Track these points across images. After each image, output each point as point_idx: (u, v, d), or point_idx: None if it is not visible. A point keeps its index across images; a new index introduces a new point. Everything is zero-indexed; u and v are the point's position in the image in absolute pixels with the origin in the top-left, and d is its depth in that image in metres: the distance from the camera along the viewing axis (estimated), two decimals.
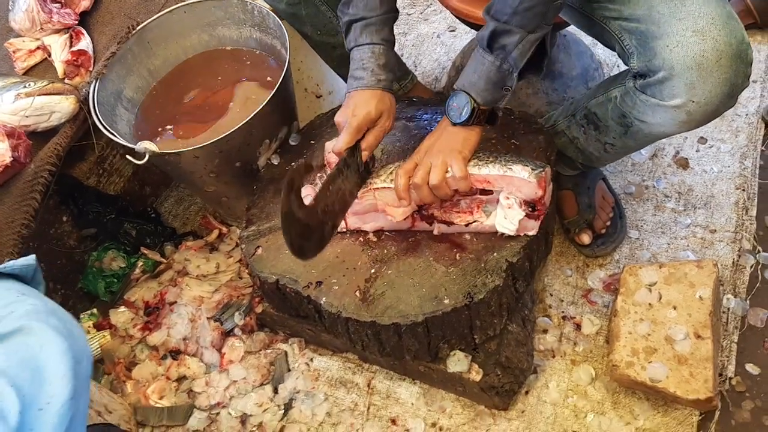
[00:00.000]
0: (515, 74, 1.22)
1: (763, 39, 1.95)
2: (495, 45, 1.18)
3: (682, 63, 1.11)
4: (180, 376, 1.64)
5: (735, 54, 1.11)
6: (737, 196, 1.68)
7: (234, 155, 1.57)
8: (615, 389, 1.45)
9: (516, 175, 1.26)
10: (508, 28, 1.16)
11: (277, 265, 1.43)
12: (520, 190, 1.28)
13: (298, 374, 1.59)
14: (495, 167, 1.27)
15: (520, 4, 1.14)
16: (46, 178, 1.51)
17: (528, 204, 1.29)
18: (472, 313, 1.30)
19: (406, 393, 1.54)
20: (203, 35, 1.81)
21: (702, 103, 1.15)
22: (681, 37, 1.11)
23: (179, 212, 2.03)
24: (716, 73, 1.11)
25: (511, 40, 1.17)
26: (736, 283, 1.55)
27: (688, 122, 1.20)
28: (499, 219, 1.31)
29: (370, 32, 1.31)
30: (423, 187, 1.26)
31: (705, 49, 1.10)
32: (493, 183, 1.29)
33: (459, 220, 1.35)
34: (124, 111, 1.71)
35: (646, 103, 1.22)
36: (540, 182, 1.26)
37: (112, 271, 1.81)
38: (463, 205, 1.34)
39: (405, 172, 1.27)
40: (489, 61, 1.19)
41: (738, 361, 1.45)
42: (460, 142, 1.26)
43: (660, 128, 1.26)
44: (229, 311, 1.70)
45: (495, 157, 1.29)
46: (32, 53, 1.81)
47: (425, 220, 1.37)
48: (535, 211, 1.29)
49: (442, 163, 1.24)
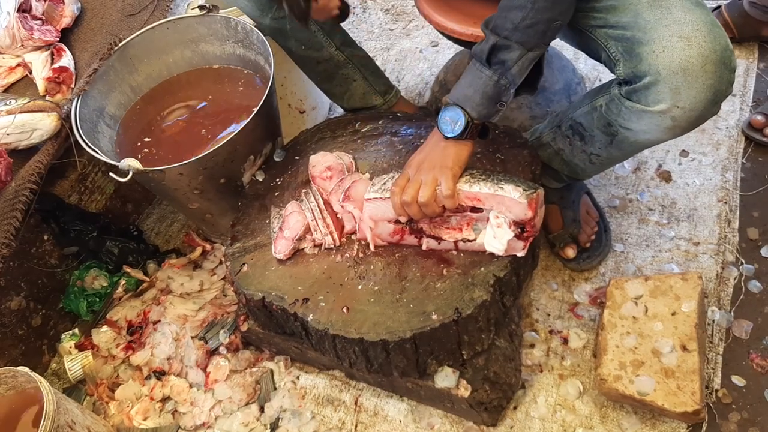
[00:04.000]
0: (512, 90, 1.22)
1: (741, 53, 1.98)
2: (494, 59, 1.19)
3: (668, 68, 1.12)
4: (164, 397, 1.62)
5: (719, 60, 1.12)
6: (719, 209, 1.70)
7: (218, 172, 1.56)
8: (603, 403, 1.45)
9: (507, 195, 1.25)
10: (508, 44, 1.16)
11: (263, 282, 1.42)
12: (510, 210, 1.26)
13: (285, 393, 1.58)
14: (487, 185, 1.26)
15: (522, 21, 1.14)
16: (27, 197, 1.50)
17: (517, 225, 1.28)
18: (460, 329, 1.29)
19: (393, 410, 1.52)
20: (186, 51, 1.80)
21: (687, 108, 1.16)
22: (667, 42, 1.12)
23: (162, 230, 2.01)
24: (701, 78, 1.12)
25: (511, 56, 1.17)
26: (720, 295, 1.56)
27: (672, 128, 1.21)
28: (488, 238, 1.30)
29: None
30: (413, 204, 1.26)
31: (690, 55, 1.11)
32: (484, 201, 1.28)
33: (448, 237, 1.35)
34: (106, 128, 1.69)
35: (631, 109, 1.23)
36: (530, 204, 1.24)
37: (94, 290, 1.79)
38: (453, 222, 1.34)
39: (399, 190, 1.28)
40: (486, 75, 1.20)
41: (724, 373, 1.45)
42: (452, 158, 1.26)
43: (645, 135, 1.27)
44: (214, 329, 1.68)
45: (488, 175, 1.29)
46: (13, 70, 1.79)
47: (414, 234, 1.37)
48: (524, 233, 1.28)
49: (433, 180, 1.25)
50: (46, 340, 1.76)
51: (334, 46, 1.67)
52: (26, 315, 1.69)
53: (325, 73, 1.72)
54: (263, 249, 1.48)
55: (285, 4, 1.28)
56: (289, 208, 1.48)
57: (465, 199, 1.28)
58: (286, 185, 1.60)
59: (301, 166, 1.62)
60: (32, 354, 1.72)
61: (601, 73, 2.07)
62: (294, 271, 1.43)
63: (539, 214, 1.29)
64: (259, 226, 1.54)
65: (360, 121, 1.68)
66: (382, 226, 1.37)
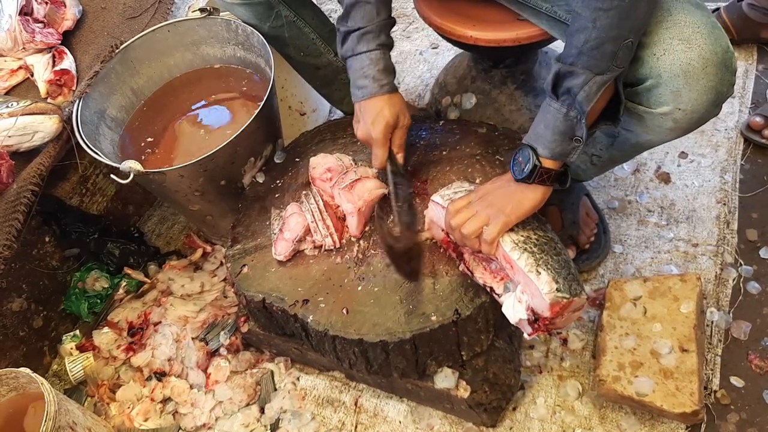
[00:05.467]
0: (584, 121, 1.12)
1: (740, 55, 1.98)
2: (560, 89, 1.12)
3: (669, 71, 1.12)
4: (165, 398, 1.62)
5: (720, 62, 1.12)
6: (718, 210, 1.70)
7: (219, 173, 1.56)
8: (602, 404, 1.45)
9: (535, 283, 1.13)
10: (572, 69, 1.09)
11: (264, 283, 1.43)
12: (533, 297, 1.16)
13: (285, 393, 1.58)
14: (528, 259, 1.15)
15: (585, 44, 1.07)
16: (29, 199, 1.50)
17: (534, 312, 1.18)
18: (460, 330, 1.30)
19: (393, 411, 1.53)
20: (187, 54, 1.81)
21: (688, 110, 1.16)
22: (667, 45, 1.12)
23: (163, 231, 2.02)
24: (702, 80, 1.12)
25: (576, 82, 1.09)
26: (719, 297, 1.56)
27: (674, 130, 1.21)
28: (508, 301, 1.23)
29: (367, 40, 1.33)
30: (457, 231, 1.23)
31: (691, 57, 1.11)
32: (515, 272, 1.18)
33: (480, 276, 1.28)
34: (107, 130, 1.70)
35: (633, 111, 1.23)
36: (553, 306, 1.12)
37: (95, 292, 1.79)
38: (493, 265, 1.27)
39: (454, 210, 1.24)
40: (555, 108, 1.13)
41: (722, 374, 1.45)
42: (513, 205, 1.19)
43: (646, 137, 1.27)
44: (215, 331, 1.69)
45: (540, 247, 1.17)
46: (14, 73, 1.80)
47: (455, 253, 1.33)
48: (537, 324, 1.19)
49: (485, 218, 1.19)
50: (47, 342, 1.76)
51: (332, 53, 1.68)
52: (27, 316, 1.70)
53: (325, 79, 1.73)
54: (263, 250, 1.49)
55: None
56: (289, 210, 1.48)
57: (501, 256, 1.20)
58: (286, 187, 1.60)
59: (301, 167, 1.62)
60: (33, 355, 1.72)
61: None
62: (294, 272, 1.43)
63: (565, 317, 1.17)
64: (259, 228, 1.54)
65: None
66: (436, 230, 1.36)
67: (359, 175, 1.44)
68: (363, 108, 1.36)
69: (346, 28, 1.34)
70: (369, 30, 1.33)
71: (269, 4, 1.57)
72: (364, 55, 1.34)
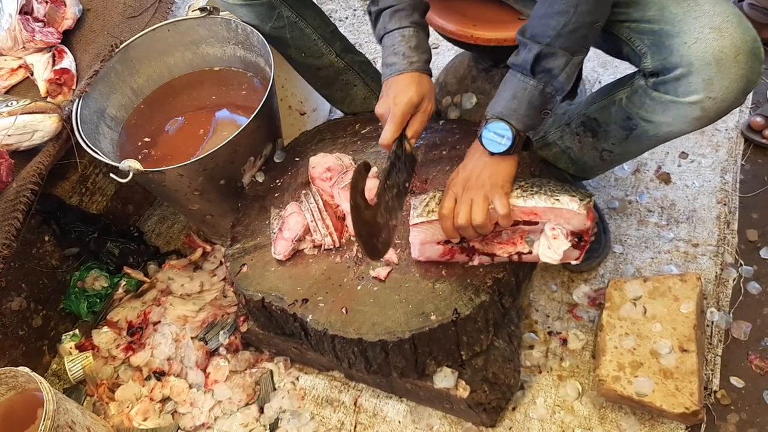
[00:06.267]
0: (558, 97, 1.20)
1: None
2: (538, 68, 1.16)
3: (702, 59, 1.12)
4: (164, 397, 1.62)
5: (751, 50, 1.12)
6: (719, 210, 1.70)
7: (218, 173, 1.56)
8: (602, 404, 1.45)
9: (565, 207, 1.21)
10: (553, 51, 1.14)
11: (263, 282, 1.43)
12: (569, 222, 1.23)
13: (284, 393, 1.58)
14: (542, 198, 1.22)
15: (564, 26, 1.12)
16: (29, 198, 1.50)
17: (575, 235, 1.24)
18: (459, 330, 1.29)
19: (392, 411, 1.53)
20: (187, 53, 1.81)
21: (719, 99, 1.15)
22: (699, 33, 1.12)
23: (162, 231, 2.01)
24: (734, 68, 1.12)
25: (557, 63, 1.15)
26: (719, 297, 1.56)
27: (700, 119, 1.20)
28: (542, 249, 1.26)
29: (399, 17, 1.30)
30: (468, 227, 1.22)
31: (724, 45, 1.11)
32: (541, 215, 1.24)
33: (501, 252, 1.31)
34: (107, 129, 1.70)
35: (658, 100, 1.23)
36: (589, 213, 1.21)
37: (94, 291, 1.79)
38: (504, 237, 1.29)
39: (449, 213, 1.24)
40: (531, 85, 1.18)
41: (722, 375, 1.45)
42: (501, 175, 1.23)
43: (667, 128, 1.26)
44: (214, 330, 1.68)
45: (539, 186, 1.24)
46: (14, 72, 1.80)
47: (466, 252, 1.33)
48: (581, 242, 1.25)
49: (484, 200, 1.21)
50: (46, 341, 1.76)
51: (334, 54, 1.67)
52: (27, 315, 1.70)
53: (326, 80, 1.73)
54: (263, 250, 1.49)
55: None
56: (288, 209, 1.48)
57: (521, 214, 1.24)
58: (286, 186, 1.60)
59: (301, 167, 1.62)
60: (33, 354, 1.72)
61: (601, 75, 2.07)
62: (293, 271, 1.43)
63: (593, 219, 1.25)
64: (259, 227, 1.54)
65: (360, 123, 1.69)
66: (430, 249, 1.33)
67: None
68: (389, 84, 1.30)
69: (377, 7, 1.31)
70: (401, 8, 1.29)
71: (271, 5, 1.57)
72: (396, 32, 1.30)
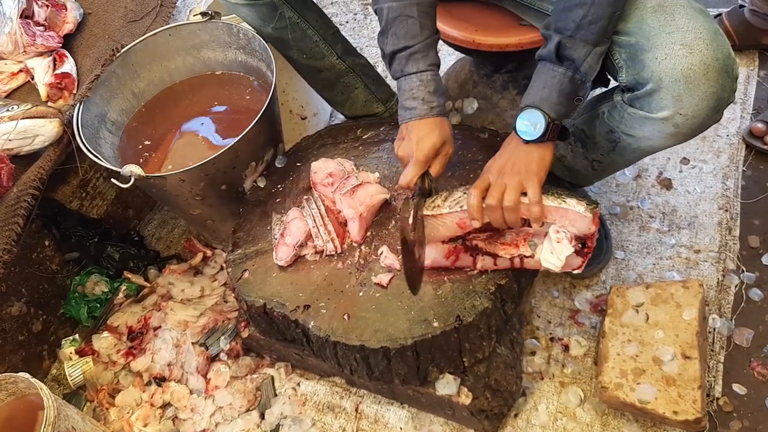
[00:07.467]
0: (587, 85, 1.20)
1: (742, 61, 1.98)
2: (563, 56, 1.18)
3: (670, 75, 1.13)
4: (165, 403, 1.61)
5: (721, 68, 1.12)
6: (720, 216, 1.70)
7: (220, 178, 1.56)
8: (604, 411, 1.44)
9: (571, 209, 1.21)
10: (573, 42, 1.16)
11: (265, 288, 1.42)
12: (574, 225, 1.22)
13: (285, 399, 1.57)
14: (549, 199, 1.22)
15: (583, 19, 1.14)
16: (29, 202, 1.50)
17: (578, 240, 1.23)
18: (461, 336, 1.29)
19: (394, 417, 1.52)
20: (188, 58, 1.80)
21: (689, 115, 1.16)
22: (669, 49, 1.13)
23: (163, 235, 2.01)
24: (703, 86, 1.13)
25: (579, 54, 1.17)
26: (721, 303, 1.56)
27: (675, 135, 1.21)
28: (545, 254, 1.26)
29: (416, 60, 1.30)
30: (497, 209, 1.22)
31: (693, 63, 1.11)
32: (547, 215, 1.23)
33: (504, 253, 1.30)
34: (108, 134, 1.69)
35: (634, 116, 1.24)
36: (595, 218, 1.20)
37: (94, 296, 1.79)
38: (507, 238, 1.30)
39: (479, 192, 1.23)
40: (560, 72, 1.18)
41: (725, 381, 1.45)
42: (536, 162, 1.22)
43: (647, 142, 1.27)
44: (215, 336, 1.68)
45: (546, 189, 1.23)
46: (15, 76, 1.80)
47: (469, 252, 1.33)
48: (585, 248, 1.24)
49: (518, 184, 1.21)
50: (46, 346, 1.75)
51: (335, 55, 1.67)
52: (27, 320, 1.69)
53: (327, 82, 1.73)
54: (264, 255, 1.48)
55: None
56: (290, 215, 1.48)
57: (527, 212, 1.23)
58: (287, 192, 1.60)
59: (302, 172, 1.62)
60: (33, 360, 1.72)
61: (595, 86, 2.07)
62: (295, 277, 1.43)
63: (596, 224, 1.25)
64: (260, 233, 1.54)
65: (361, 128, 1.68)
66: (434, 249, 1.33)
67: (361, 181, 1.44)
68: (410, 127, 1.31)
69: (392, 48, 1.30)
70: (416, 50, 1.29)
71: (273, 5, 1.56)
72: (414, 77, 1.30)
